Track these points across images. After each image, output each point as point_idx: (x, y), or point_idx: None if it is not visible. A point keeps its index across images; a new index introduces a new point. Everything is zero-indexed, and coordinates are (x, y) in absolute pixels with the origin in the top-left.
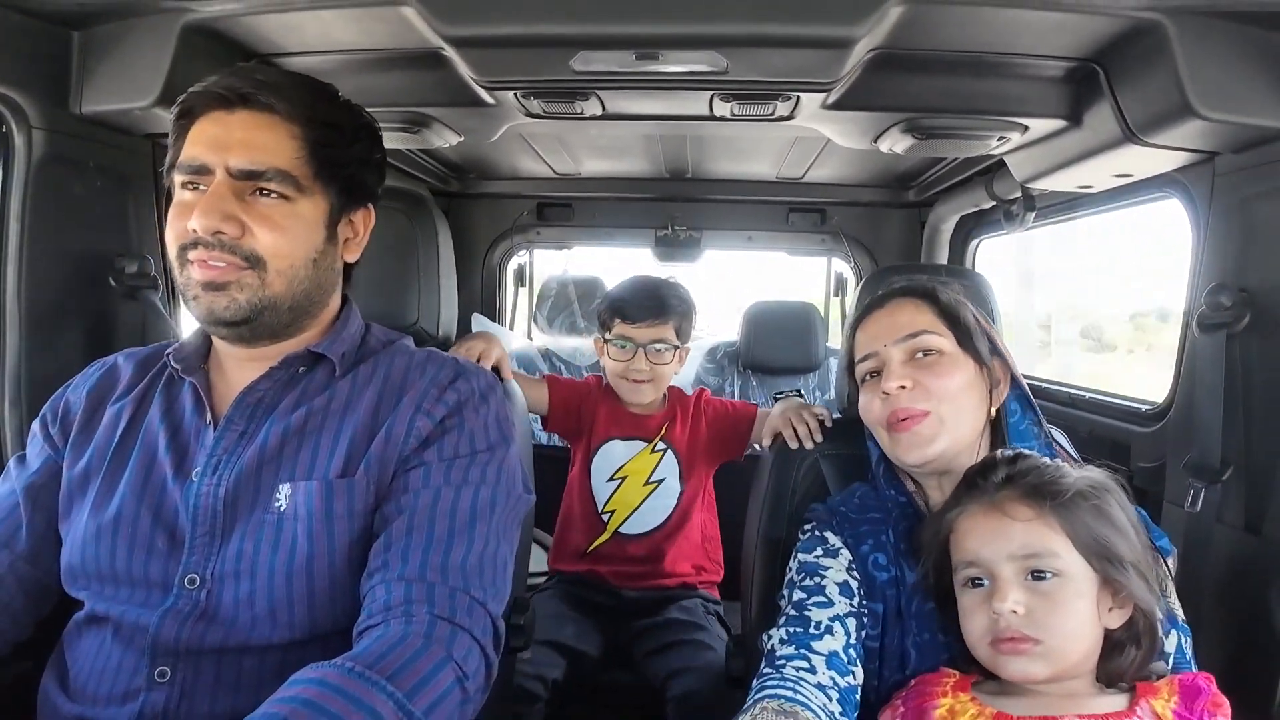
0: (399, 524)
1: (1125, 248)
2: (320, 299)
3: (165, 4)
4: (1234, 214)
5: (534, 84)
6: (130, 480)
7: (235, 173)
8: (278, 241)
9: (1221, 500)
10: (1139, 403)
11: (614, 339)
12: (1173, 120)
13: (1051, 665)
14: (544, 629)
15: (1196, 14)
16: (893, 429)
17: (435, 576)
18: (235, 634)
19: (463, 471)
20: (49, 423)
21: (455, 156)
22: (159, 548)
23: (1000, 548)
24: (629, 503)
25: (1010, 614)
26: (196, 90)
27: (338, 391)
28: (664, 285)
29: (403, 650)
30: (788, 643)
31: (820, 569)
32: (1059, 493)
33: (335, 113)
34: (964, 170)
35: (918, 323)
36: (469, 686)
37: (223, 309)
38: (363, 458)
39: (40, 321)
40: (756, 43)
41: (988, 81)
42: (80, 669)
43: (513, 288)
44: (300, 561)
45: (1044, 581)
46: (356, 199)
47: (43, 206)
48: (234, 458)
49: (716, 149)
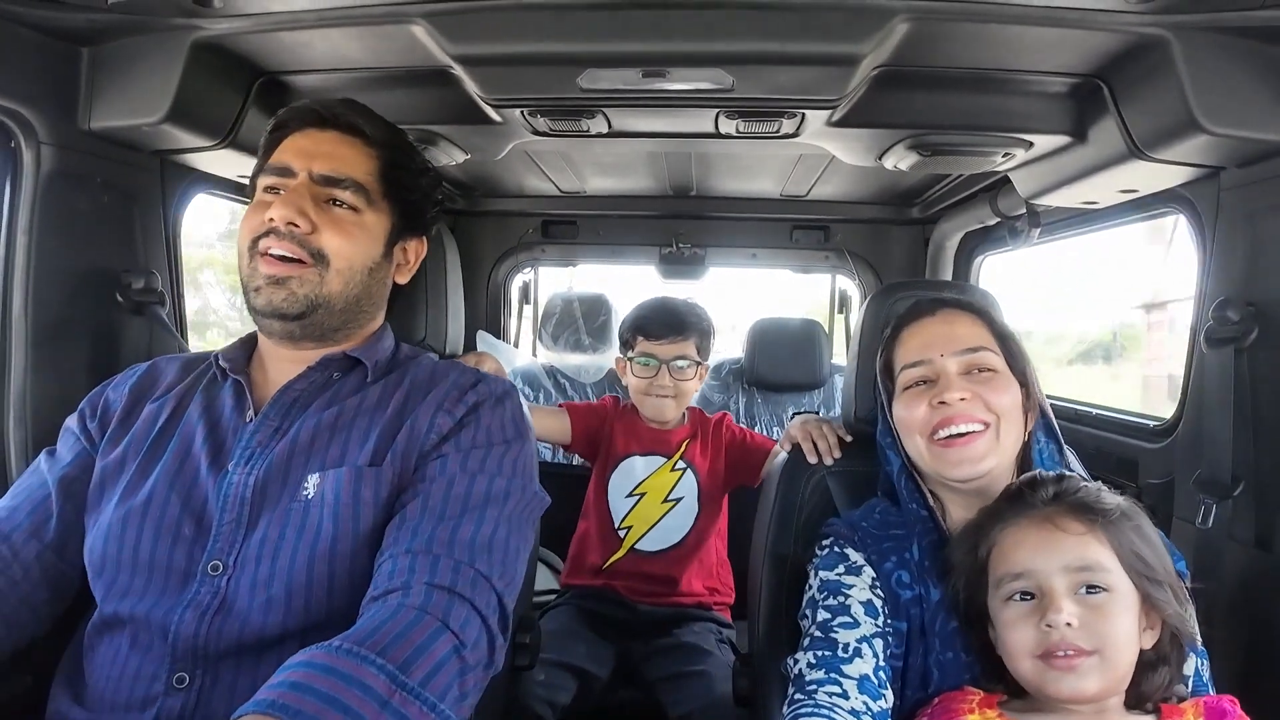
0: (413, 505)
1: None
2: (369, 309)
3: (175, 21)
4: (1240, 228)
5: (541, 102)
6: (164, 468)
7: (317, 178)
8: (342, 244)
9: (1232, 516)
10: (1147, 418)
11: (638, 356)
12: (1178, 135)
13: (1103, 680)
14: (555, 647)
15: (1201, 29)
16: (943, 443)
17: (440, 549)
18: (251, 622)
19: (479, 461)
20: (87, 417)
21: (461, 174)
22: (185, 534)
23: (1053, 560)
24: (647, 519)
25: (1065, 626)
26: (294, 106)
27: (369, 394)
28: (684, 305)
29: (394, 623)
30: (817, 667)
31: (843, 587)
32: (1107, 511)
33: (409, 149)
34: (968, 187)
35: (976, 337)
36: (467, 655)
37: (282, 300)
38: (389, 450)
39: (46, 337)
40: (762, 60)
41: (992, 98)
42: (96, 678)
43: (517, 305)
44: (324, 546)
45: (1095, 595)
46: (414, 227)
47: (50, 222)
48: (267, 450)
49: (721, 166)
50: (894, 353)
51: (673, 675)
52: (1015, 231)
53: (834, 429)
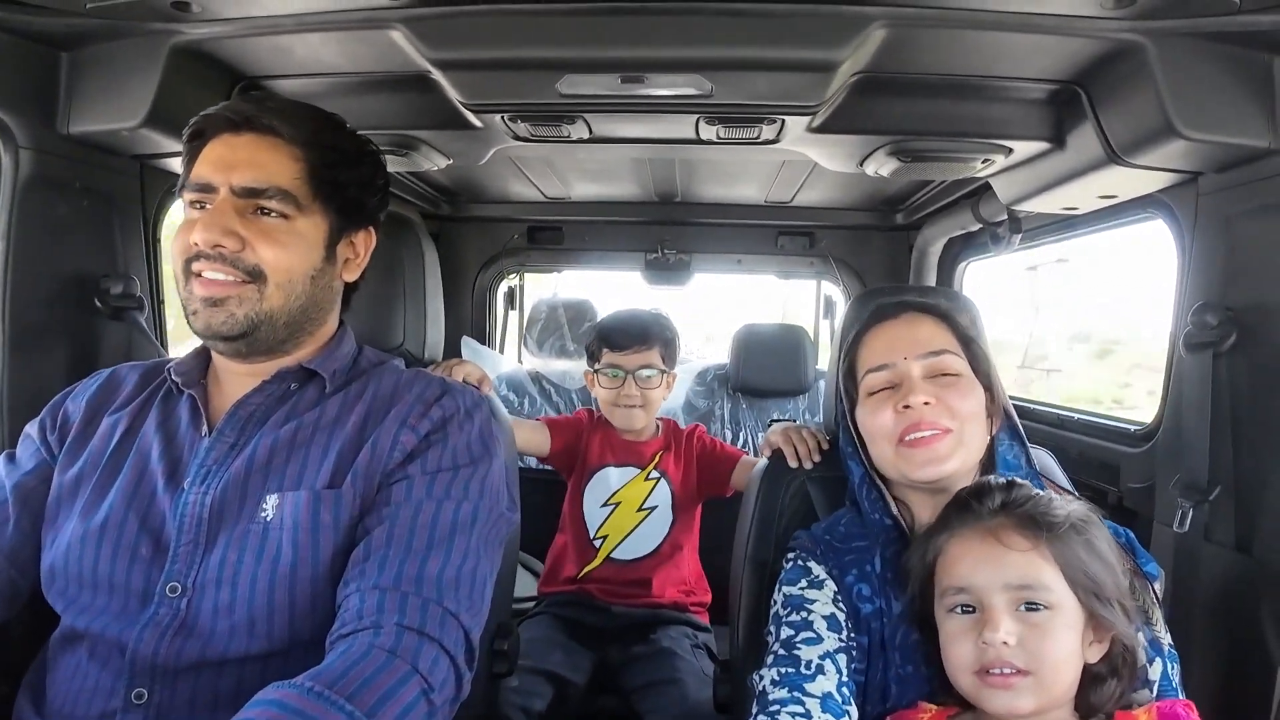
0: (379, 533)
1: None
2: (317, 316)
3: (153, 26)
4: (1218, 233)
5: (521, 107)
6: (121, 487)
7: (238, 190)
8: (277, 256)
9: (1210, 520)
10: (1128, 423)
11: (604, 368)
12: (1155, 141)
13: (1038, 699)
14: (532, 654)
15: (1177, 35)
16: (908, 444)
17: (409, 587)
18: (213, 646)
19: (445, 486)
20: (47, 428)
21: (446, 180)
22: (142, 554)
23: (994, 576)
24: (621, 528)
25: (1002, 645)
26: (206, 114)
27: (327, 407)
28: (647, 315)
29: (365, 666)
30: (780, 684)
31: (806, 603)
32: (1054, 525)
33: (338, 138)
34: (951, 193)
35: (938, 340)
36: (435, 698)
37: (220, 323)
38: (349, 470)
39: (24, 341)
40: (740, 66)
41: (971, 104)
42: (57, 691)
43: (503, 311)
44: (284, 570)
45: (1035, 613)
46: (356, 221)
47: (29, 226)
48: (223, 468)
49: (705, 173)
50: (857, 356)
51: (649, 683)
52: (997, 237)
53: (814, 434)
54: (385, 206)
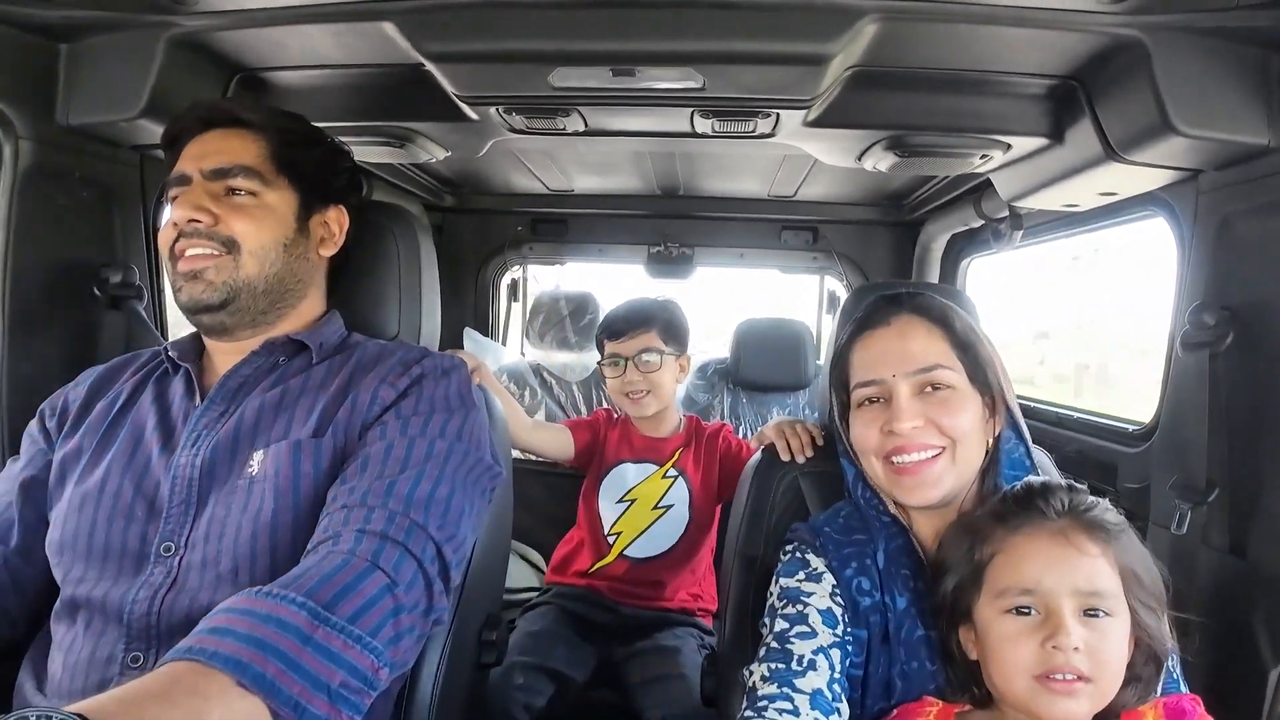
0: (353, 467)
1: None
2: (295, 288)
3: (149, 18)
4: (1217, 232)
5: (514, 99)
6: (116, 455)
7: (207, 173)
8: (248, 226)
9: (1207, 522)
10: (1126, 423)
11: (606, 360)
12: (1153, 137)
13: (1095, 705)
14: (535, 649)
15: (1175, 30)
16: (897, 470)
17: (375, 501)
18: (200, 599)
19: (420, 426)
20: (46, 417)
21: (448, 172)
22: (138, 516)
23: (1064, 580)
24: (636, 525)
25: (1072, 651)
26: (177, 118)
27: (313, 374)
28: (645, 300)
29: (320, 568)
30: (770, 680)
31: (803, 595)
32: (1119, 531)
33: (294, 123)
34: (954, 189)
35: (930, 354)
36: (401, 595)
37: (200, 293)
38: (330, 422)
39: (24, 330)
40: (731, 60)
41: (968, 99)
42: (55, 664)
43: (506, 303)
44: (265, 518)
45: (1098, 619)
46: (324, 198)
47: (28, 216)
48: (213, 432)
49: (707, 166)
50: (847, 365)
51: (651, 678)
52: (999, 234)
53: (808, 429)
54: (357, 190)
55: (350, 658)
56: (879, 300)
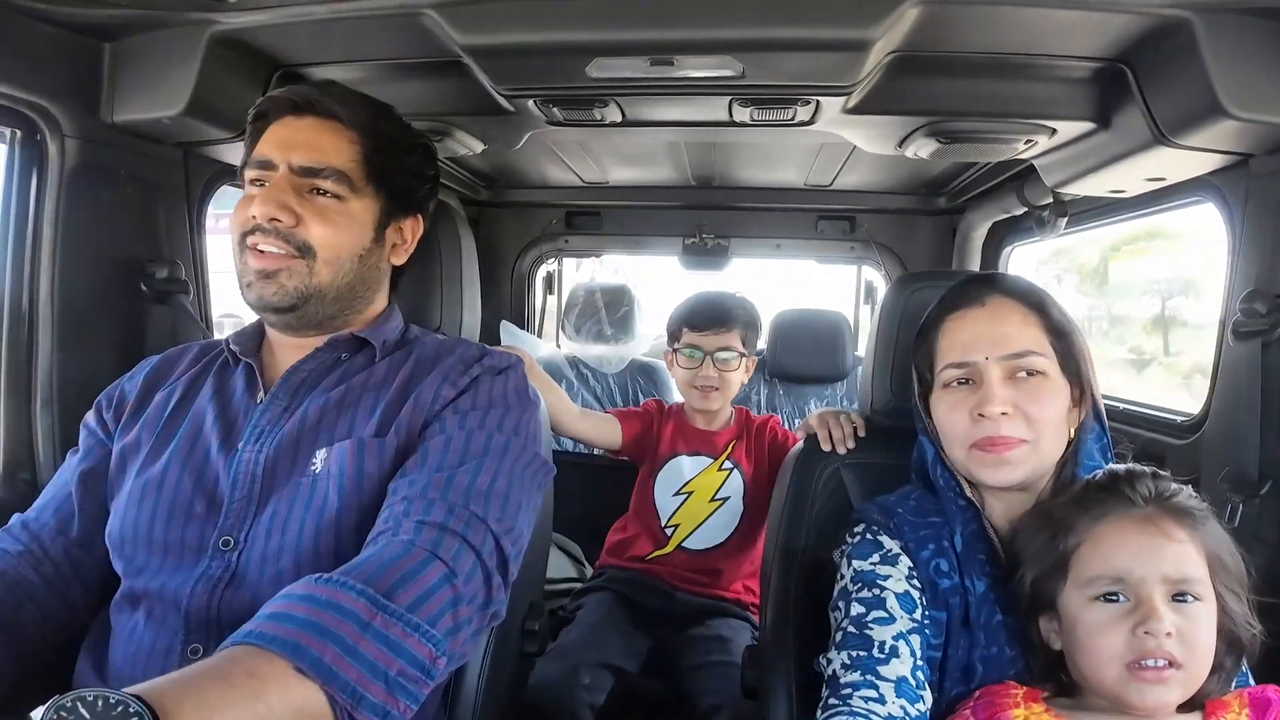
0: (412, 461)
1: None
2: (364, 294)
3: (191, 16)
4: (1269, 217)
5: (552, 91)
6: (176, 449)
7: (296, 169)
8: (327, 234)
9: (1260, 515)
10: (1175, 414)
11: (683, 348)
12: (1203, 121)
13: (1187, 692)
14: (594, 645)
15: (1225, 10)
16: (979, 447)
17: (435, 494)
18: (262, 595)
19: (478, 420)
20: (103, 409)
21: (484, 165)
22: (197, 511)
23: (1154, 567)
24: (694, 517)
25: (1165, 636)
26: (271, 95)
27: (375, 371)
28: (729, 297)
29: (381, 554)
30: (852, 667)
31: (879, 578)
32: (1204, 517)
33: (392, 127)
34: (995, 176)
35: (1025, 339)
36: (460, 585)
37: (272, 295)
38: (394, 421)
39: (73, 326)
40: (771, 47)
41: (1012, 84)
42: (115, 653)
43: (541, 295)
44: (329, 518)
45: (1188, 604)
46: (406, 208)
47: (75, 213)
48: (276, 429)
49: (743, 156)
50: (935, 344)
51: (703, 665)
52: (1042, 222)
53: (851, 419)
54: (434, 197)
55: (409, 646)
56: (970, 280)
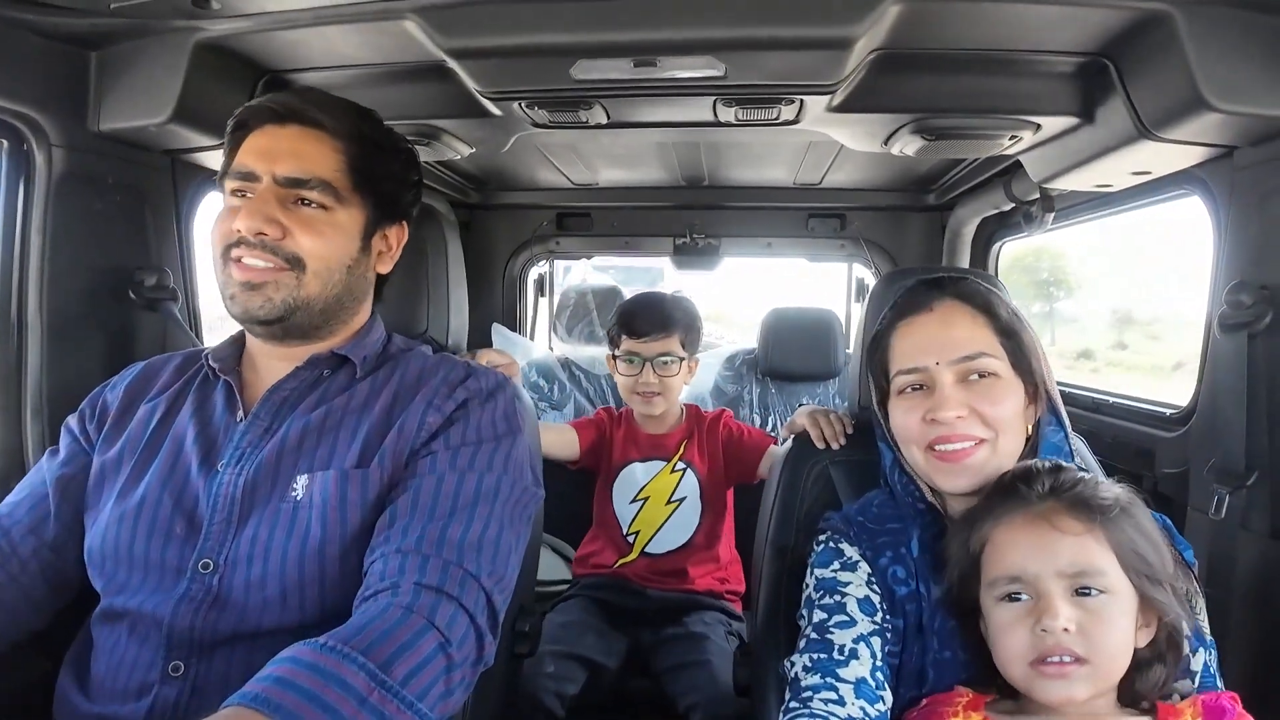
0: (403, 502)
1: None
2: (351, 305)
3: (176, 24)
4: (1253, 209)
5: (536, 94)
6: (157, 469)
7: (281, 180)
8: (316, 245)
9: (1247, 506)
10: (1163, 406)
11: (622, 355)
12: (1186, 114)
13: (1094, 686)
14: (566, 638)
15: (1206, 3)
16: (938, 455)
17: (430, 549)
18: (247, 619)
19: (469, 458)
20: (86, 417)
21: (473, 168)
22: (176, 533)
23: (1047, 562)
24: (653, 522)
25: (1062, 632)
26: (252, 105)
27: (357, 392)
28: (668, 299)
29: (381, 622)
30: (813, 670)
31: (839, 585)
32: (1106, 507)
33: (377, 133)
34: (983, 172)
35: (975, 342)
36: (454, 653)
37: (257, 307)
38: (377, 451)
39: (61, 334)
40: (753, 46)
41: (996, 79)
42: (97, 666)
43: (533, 297)
44: (313, 546)
45: (1091, 598)
46: (391, 214)
47: (63, 222)
48: (256, 450)
49: (731, 156)
50: (888, 352)
51: (679, 665)
52: (1030, 217)
53: (840, 417)
54: (418, 202)
55: None
56: (919, 284)
